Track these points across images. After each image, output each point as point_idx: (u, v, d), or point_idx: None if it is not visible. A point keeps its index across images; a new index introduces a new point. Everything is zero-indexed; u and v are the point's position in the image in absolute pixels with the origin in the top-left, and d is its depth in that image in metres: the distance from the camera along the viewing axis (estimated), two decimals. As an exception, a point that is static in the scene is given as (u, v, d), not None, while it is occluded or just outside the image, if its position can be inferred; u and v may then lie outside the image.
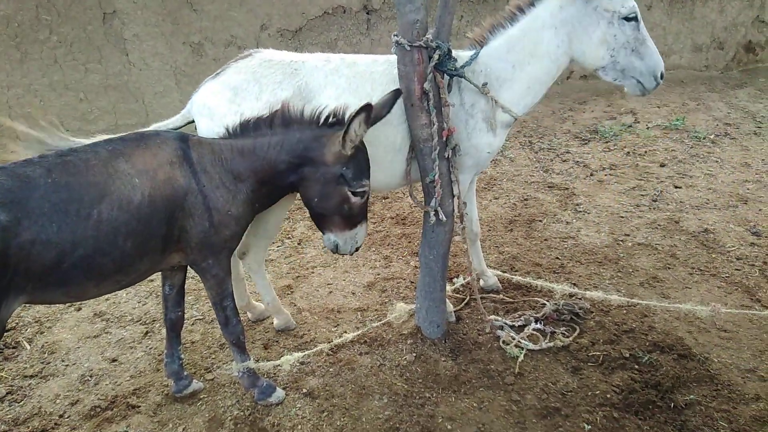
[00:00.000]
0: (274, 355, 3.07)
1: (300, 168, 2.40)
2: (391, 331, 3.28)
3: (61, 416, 2.74)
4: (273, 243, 4.46)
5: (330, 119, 2.40)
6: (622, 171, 5.54)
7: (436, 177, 2.72)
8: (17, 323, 3.51)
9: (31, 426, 2.68)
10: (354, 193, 2.40)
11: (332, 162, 2.36)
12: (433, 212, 2.81)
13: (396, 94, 2.57)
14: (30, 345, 3.30)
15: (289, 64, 2.70)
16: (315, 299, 3.69)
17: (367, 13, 7.20)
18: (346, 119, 2.34)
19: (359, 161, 2.40)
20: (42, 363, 3.15)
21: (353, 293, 3.73)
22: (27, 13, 6.15)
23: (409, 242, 4.37)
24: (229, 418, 2.68)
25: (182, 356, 2.80)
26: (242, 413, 2.70)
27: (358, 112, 2.21)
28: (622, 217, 4.61)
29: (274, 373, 2.95)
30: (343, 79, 2.71)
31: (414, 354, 3.07)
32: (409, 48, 2.51)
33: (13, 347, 3.29)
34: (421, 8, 2.47)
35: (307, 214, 4.98)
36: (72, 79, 6.54)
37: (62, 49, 6.39)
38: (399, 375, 2.94)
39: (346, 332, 3.25)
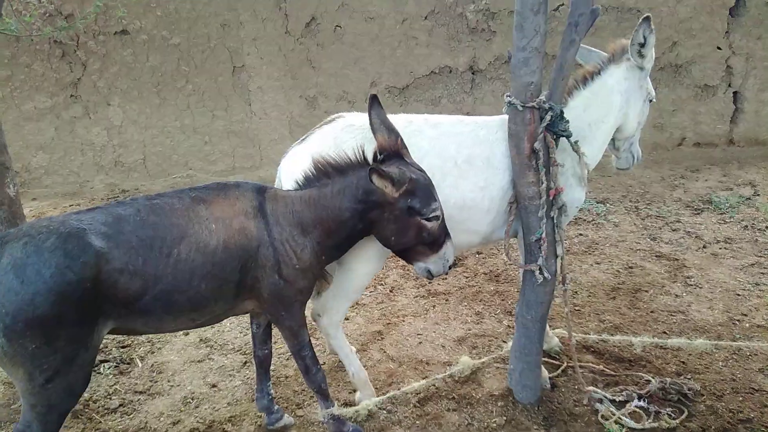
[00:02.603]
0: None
1: (366, 213, 2.39)
2: (481, 390, 3.21)
3: (163, 433, 2.93)
4: (366, 288, 4.57)
5: (378, 156, 2.41)
6: (739, 246, 5.13)
7: (543, 235, 2.70)
8: (133, 341, 3.82)
9: (138, 439, 2.88)
10: (428, 220, 2.36)
11: (394, 200, 2.32)
12: (538, 271, 2.77)
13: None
14: (142, 363, 3.58)
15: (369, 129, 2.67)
16: (404, 348, 3.70)
17: (472, 73, 7.41)
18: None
19: (421, 188, 2.34)
20: (151, 381, 3.39)
21: (443, 346, 3.70)
22: (170, 65, 6.97)
23: (503, 300, 4.30)
24: (316, 457, 2.72)
25: (272, 391, 2.89)
26: (329, 454, 2.73)
27: (369, 176, 2.22)
28: (739, 295, 4.25)
29: (359, 420, 2.96)
30: (426, 141, 2.72)
31: (504, 417, 2.97)
32: (521, 108, 2.57)
33: (128, 363, 3.59)
34: (536, 71, 2.53)
35: (400, 262, 5.10)
36: (200, 124, 7.24)
37: (195, 97, 7.13)
38: (487, 437, 2.85)
39: (434, 385, 3.22)
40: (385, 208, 2.35)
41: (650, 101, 3.13)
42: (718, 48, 7.33)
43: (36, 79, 7.01)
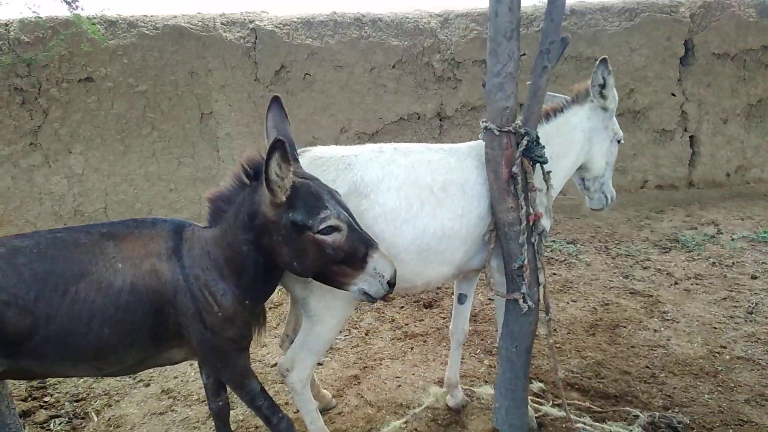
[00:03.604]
0: (340, 447, 2.88)
1: (259, 242, 2.11)
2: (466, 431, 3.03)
3: (119, 493, 2.63)
4: (340, 332, 4.38)
5: (249, 171, 2.14)
6: (710, 281, 5.19)
7: (525, 262, 2.63)
8: (88, 394, 3.52)
9: (90, 500, 2.58)
10: (321, 232, 2.03)
11: (274, 215, 2.05)
12: (522, 299, 2.68)
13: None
14: (98, 417, 3.28)
15: (341, 159, 2.56)
16: (383, 392, 3.51)
17: (440, 120, 7.54)
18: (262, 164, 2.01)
19: (303, 197, 2.05)
20: (107, 436, 3.10)
21: (423, 389, 3.52)
22: (135, 111, 6.86)
23: (482, 339, 4.17)
24: None
25: None
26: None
27: (269, 153, 1.92)
28: (716, 328, 4.24)
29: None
30: (401, 169, 2.61)
31: (491, 459, 2.79)
32: (497, 133, 2.55)
33: (82, 417, 3.28)
34: (511, 96, 2.54)
35: (375, 305, 4.94)
36: (165, 171, 7.07)
37: (161, 144, 7.00)
38: (475, 482, 2.66)
39: (416, 429, 3.03)
40: (272, 229, 2.07)
41: (618, 141, 3.15)
42: (673, 95, 7.70)
43: (-7, 126, 6.77)
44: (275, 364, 3.83)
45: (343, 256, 2.07)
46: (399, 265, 2.59)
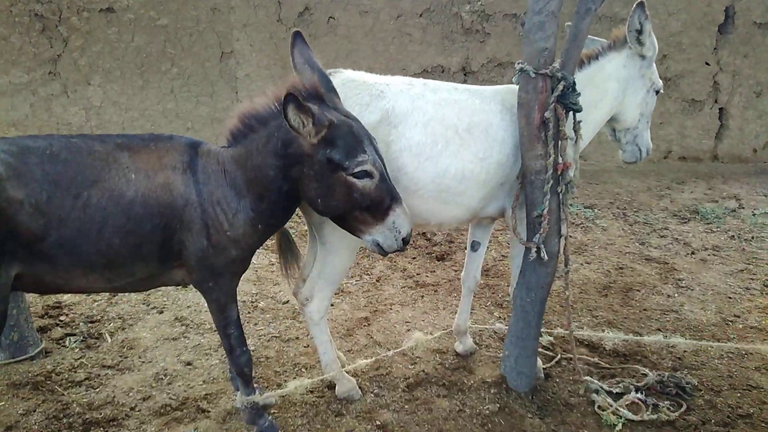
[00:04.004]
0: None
1: (288, 171, 2.09)
2: (473, 377, 3.05)
3: (132, 409, 2.70)
4: (351, 277, 4.39)
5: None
6: (728, 253, 5.12)
7: (545, 212, 2.58)
8: (102, 317, 3.58)
9: (104, 413, 2.65)
10: (356, 176, 2.02)
11: (312, 150, 2.02)
12: (535, 249, 2.64)
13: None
14: (111, 338, 3.34)
15: (374, 86, 2.51)
16: (392, 335, 3.53)
17: (465, 75, 7.36)
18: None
19: (343, 135, 2.01)
20: (120, 356, 3.15)
21: (432, 334, 3.54)
22: (155, 46, 6.75)
23: (493, 293, 4.17)
24: (299, 437, 2.53)
25: None
26: (312, 434, 2.54)
27: (284, 108, 1.89)
28: (730, 298, 4.20)
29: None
30: (430, 105, 2.56)
31: (497, 405, 2.82)
32: (533, 75, 2.46)
33: (96, 338, 3.34)
34: (551, 37, 2.43)
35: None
36: (183, 109, 7.01)
37: (180, 81, 6.91)
38: (480, 424, 2.69)
39: (423, 371, 3.06)
40: (305, 161, 2.04)
41: (657, 92, 3.01)
42: (707, 63, 7.44)
43: (13, 52, 6.71)
44: (287, 301, 3.87)
45: (369, 204, 2.06)
46: (416, 201, 2.59)
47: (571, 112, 2.60)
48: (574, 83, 2.53)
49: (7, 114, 6.92)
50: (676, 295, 4.20)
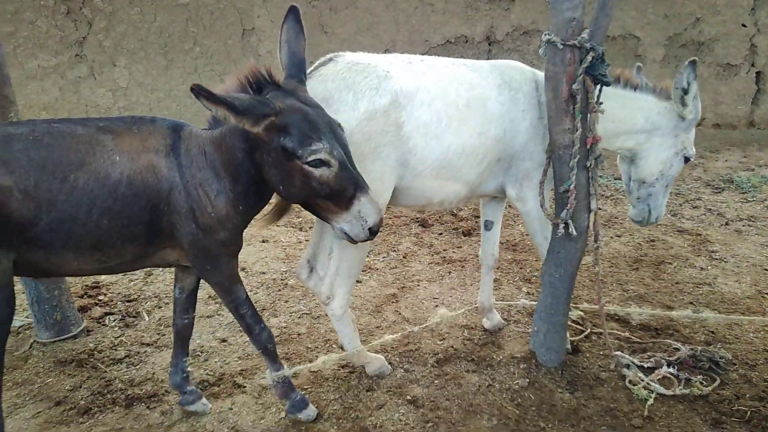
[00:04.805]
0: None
1: (253, 154, 2.09)
2: (502, 352, 3.08)
3: (171, 385, 2.79)
4: (378, 254, 4.42)
5: (252, 83, 2.08)
6: (764, 224, 4.98)
7: (572, 186, 2.54)
8: (139, 296, 3.69)
9: (144, 389, 2.75)
10: (312, 165, 1.98)
11: (266, 135, 1.99)
12: (563, 225, 2.61)
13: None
14: (149, 317, 3.45)
15: (378, 67, 2.46)
16: (420, 311, 3.57)
17: (489, 44, 7.20)
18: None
19: (297, 124, 1.98)
20: (158, 334, 3.26)
21: (459, 310, 3.56)
22: (178, 25, 6.76)
23: (521, 268, 4.16)
24: (331, 412, 2.59)
25: (188, 369, 2.62)
26: (344, 408, 2.61)
27: (199, 100, 1.86)
28: (766, 269, 4.10)
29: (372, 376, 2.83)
30: (431, 83, 2.53)
31: (527, 380, 2.83)
32: (561, 47, 2.39)
33: (134, 316, 3.45)
34: (579, 6, 2.36)
35: (414, 230, 4.95)
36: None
37: (203, 60, 6.93)
38: (510, 399, 2.72)
39: (452, 346, 3.09)
40: (263, 147, 2.05)
41: (686, 159, 2.92)
42: (743, 25, 7.12)
43: (40, 36, 6.80)
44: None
45: (329, 192, 2.04)
46: (421, 181, 2.58)
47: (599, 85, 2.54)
48: (603, 54, 2.46)
49: (38, 97, 7.05)
50: (709, 267, 4.13)
